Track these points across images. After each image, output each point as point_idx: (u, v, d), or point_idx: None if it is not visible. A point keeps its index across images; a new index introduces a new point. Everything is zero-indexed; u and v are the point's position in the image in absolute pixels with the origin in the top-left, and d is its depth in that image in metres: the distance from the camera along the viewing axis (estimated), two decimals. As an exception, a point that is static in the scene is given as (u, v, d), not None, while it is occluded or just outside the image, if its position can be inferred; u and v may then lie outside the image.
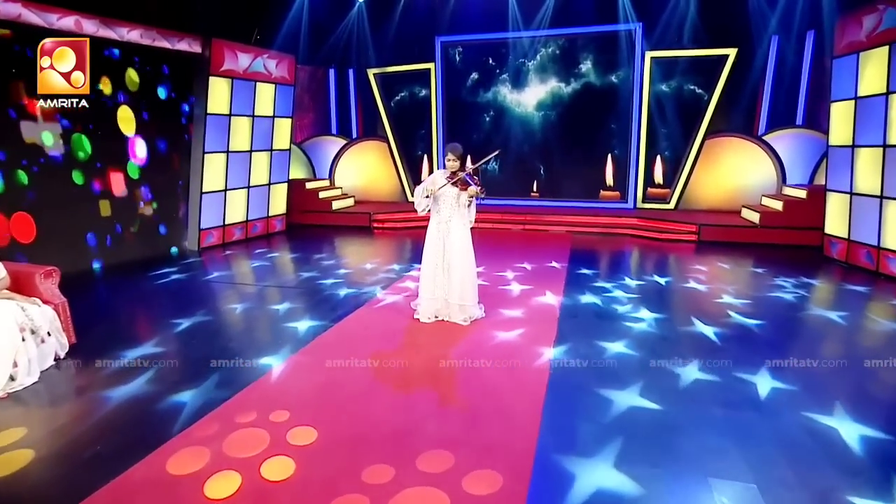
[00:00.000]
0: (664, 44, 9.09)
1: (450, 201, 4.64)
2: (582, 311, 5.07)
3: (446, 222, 4.70)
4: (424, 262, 4.76)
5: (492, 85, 10.58)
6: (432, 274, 4.74)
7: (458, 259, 4.68)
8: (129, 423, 3.10)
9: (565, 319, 4.83)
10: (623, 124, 9.85)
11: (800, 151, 8.75)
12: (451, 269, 4.70)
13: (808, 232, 7.62)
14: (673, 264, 7.04)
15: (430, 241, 4.74)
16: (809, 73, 8.77)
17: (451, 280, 4.71)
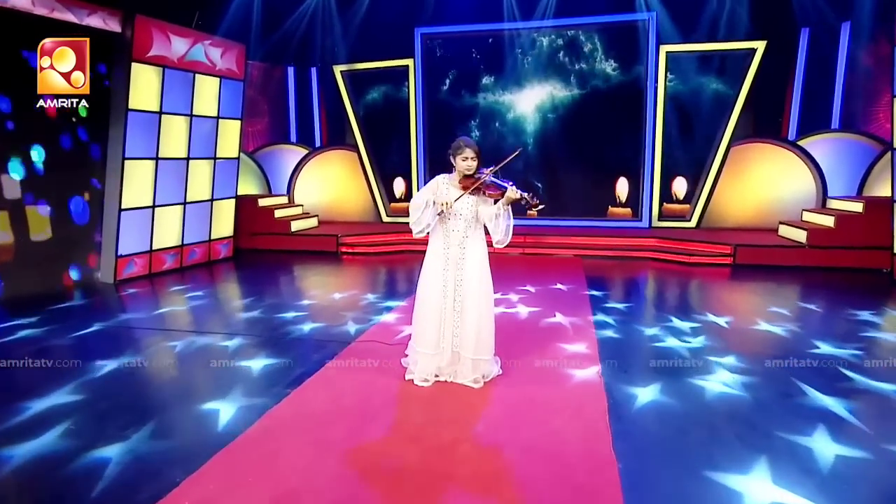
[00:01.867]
0: (681, 36, 8.33)
1: (465, 216, 3.57)
2: (631, 363, 4.04)
3: (459, 246, 3.61)
4: (423, 302, 3.66)
5: (482, 85, 9.69)
6: (437, 319, 3.63)
7: (476, 296, 3.59)
8: None
9: (613, 378, 3.75)
10: (635, 130, 9.09)
11: (841, 158, 8.07)
12: (466, 311, 3.60)
13: (868, 252, 6.85)
14: (719, 296, 6.23)
15: (433, 274, 3.64)
16: (846, 69, 8.15)
17: (465, 326, 3.61)
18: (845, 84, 8.23)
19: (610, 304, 5.67)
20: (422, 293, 3.69)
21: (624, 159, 9.18)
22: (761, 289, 6.38)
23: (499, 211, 3.44)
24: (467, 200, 3.55)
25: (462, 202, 3.54)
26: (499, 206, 3.42)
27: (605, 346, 4.39)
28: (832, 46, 8.24)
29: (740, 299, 6.05)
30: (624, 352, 4.26)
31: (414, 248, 8.95)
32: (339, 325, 4.95)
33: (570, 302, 5.74)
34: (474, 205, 3.57)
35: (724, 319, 5.10)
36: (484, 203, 3.56)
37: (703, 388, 3.60)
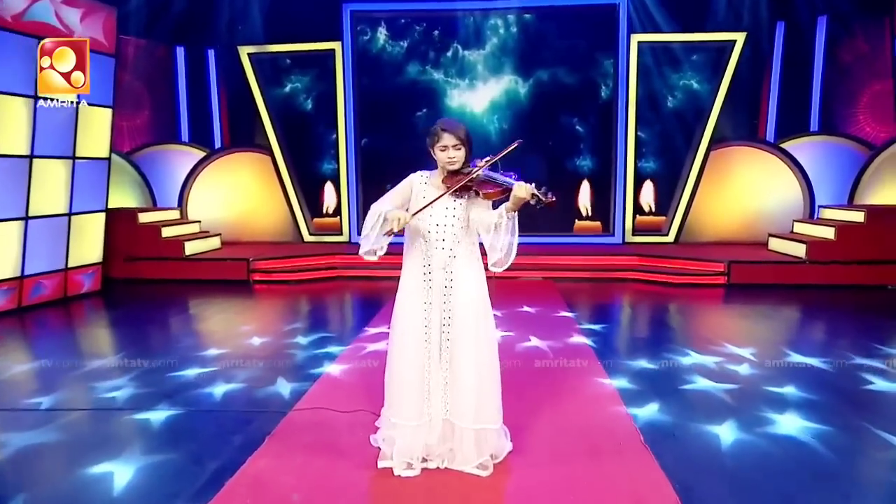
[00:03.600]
0: (654, 25, 8.20)
1: (450, 226, 2.81)
2: (674, 421, 3.44)
3: (444, 268, 2.84)
4: (398, 352, 2.87)
5: (426, 77, 9.09)
6: (419, 375, 2.84)
7: (473, 340, 2.82)
8: None
9: (662, 450, 3.11)
10: (605, 130, 8.78)
11: (824, 164, 8.22)
12: (459, 362, 2.81)
13: (875, 267, 6.85)
14: (727, 323, 5.95)
15: (411, 310, 2.87)
16: (823, 67, 8.37)
17: (460, 383, 2.82)
18: (823, 83, 8.45)
19: (611, 343, 5.10)
20: (396, 338, 2.88)
21: (591, 163, 8.88)
22: (771, 312, 6.16)
23: (500, 219, 2.66)
24: (453, 205, 2.78)
25: (445, 208, 2.78)
26: (501, 213, 2.66)
27: (629, 398, 3.75)
28: (809, 42, 8.45)
29: (749, 326, 5.76)
30: (654, 405, 3.63)
31: (352, 274, 8.08)
32: (266, 386, 3.93)
33: (561, 339, 5.12)
34: (464, 210, 2.80)
35: (748, 351, 4.73)
36: (478, 207, 2.79)
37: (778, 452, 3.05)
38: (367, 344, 4.92)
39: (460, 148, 2.75)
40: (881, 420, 3.42)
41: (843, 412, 3.54)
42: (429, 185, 2.84)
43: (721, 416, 3.48)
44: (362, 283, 7.75)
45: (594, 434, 3.24)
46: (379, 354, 4.62)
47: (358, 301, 7.04)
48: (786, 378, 4.11)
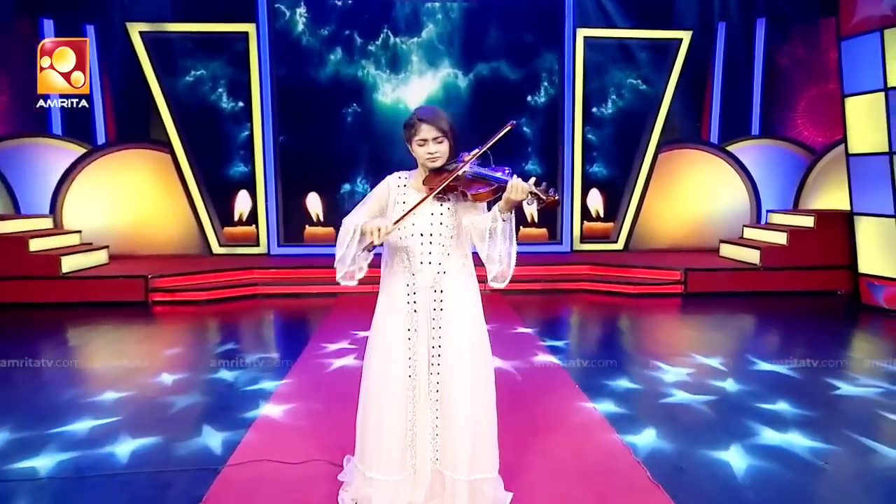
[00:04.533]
0: (602, 19, 8.29)
1: (437, 237, 2.49)
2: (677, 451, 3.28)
3: (431, 287, 2.52)
4: (377, 391, 2.52)
5: (355, 67, 8.68)
6: (401, 419, 2.50)
7: (468, 375, 2.51)
8: None
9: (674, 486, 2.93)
10: (548, 131, 8.75)
11: (768, 167, 8.62)
12: (451, 402, 2.49)
13: (826, 272, 7.21)
14: (692, 334, 5.97)
15: (392, 338, 2.54)
16: (763, 70, 8.82)
17: (453, 426, 2.49)
18: (763, 86, 8.90)
19: (580, 361, 4.93)
20: (373, 373, 2.53)
21: (537, 166, 8.83)
22: (731, 321, 6.33)
23: (494, 223, 2.34)
24: (439, 210, 2.46)
25: (430, 214, 2.45)
26: (494, 215, 2.34)
27: (620, 424, 3.56)
28: (749, 44, 8.88)
29: (718, 336, 5.84)
30: (649, 430, 3.44)
31: (275, 291, 7.46)
32: (189, 438, 3.33)
33: (526, 359, 4.90)
34: (453, 215, 2.48)
35: (716, 361, 4.82)
36: (470, 211, 2.47)
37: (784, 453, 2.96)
38: (309, 375, 4.44)
39: (442, 141, 2.43)
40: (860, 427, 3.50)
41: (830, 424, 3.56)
42: (408, 188, 2.52)
43: (722, 439, 3.39)
44: (288, 302, 7.16)
45: (596, 474, 2.99)
46: (326, 388, 4.17)
47: (286, 323, 6.45)
48: (763, 389, 4.17)
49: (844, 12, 6.60)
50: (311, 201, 8.79)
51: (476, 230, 2.40)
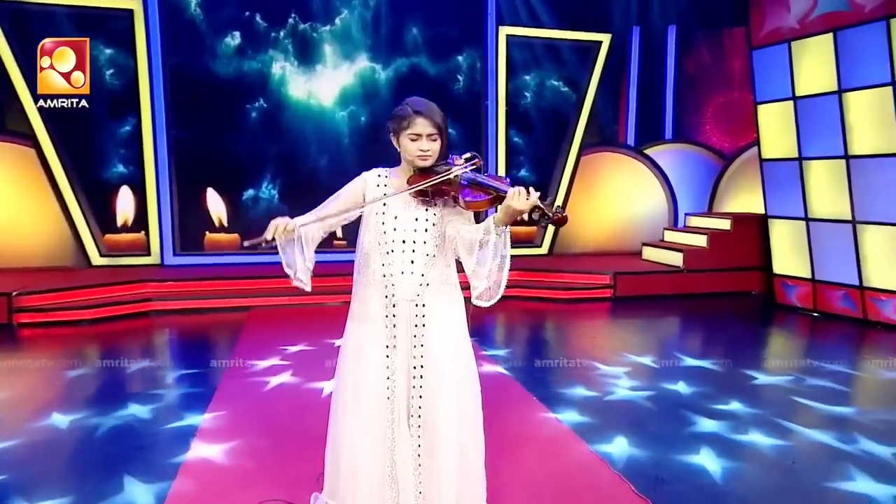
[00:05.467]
0: (525, 18, 8.45)
1: (422, 245, 2.35)
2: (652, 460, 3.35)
3: (412, 301, 2.36)
4: (350, 418, 2.34)
5: (260, 56, 8.21)
6: (380, 449, 2.33)
7: (454, 397, 2.37)
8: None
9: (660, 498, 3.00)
10: (472, 131, 8.82)
11: (682, 171, 9.15)
12: (437, 427, 2.33)
13: (744, 273, 7.73)
14: (629, 337, 6.23)
15: (369, 359, 2.36)
16: (675, 76, 9.38)
17: (438, 457, 2.33)
18: (675, 92, 9.47)
19: (529, 369, 4.98)
20: (345, 398, 2.35)
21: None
22: (661, 322, 6.71)
23: (487, 235, 2.16)
24: (425, 215, 2.33)
25: (415, 219, 2.31)
26: (488, 226, 2.16)
27: (588, 435, 3.58)
28: (661, 50, 9.43)
29: (649, 336, 6.16)
30: (620, 439, 3.47)
31: (173, 307, 6.87)
32: (109, 495, 2.88)
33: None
34: (440, 221, 2.33)
35: (648, 358, 5.18)
36: (456, 219, 2.34)
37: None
38: (242, 400, 4.10)
39: (436, 139, 2.30)
40: (784, 411, 3.93)
41: (766, 414, 3.85)
42: (389, 188, 2.37)
43: (690, 442, 3.52)
44: (191, 319, 6.61)
45: (579, 492, 2.98)
46: (266, 411, 3.86)
47: (194, 342, 5.93)
48: (699, 385, 4.43)
49: (755, 24, 7.16)
50: (212, 204, 8.21)
51: (463, 241, 2.23)
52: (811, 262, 6.78)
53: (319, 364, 4.88)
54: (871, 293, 6.27)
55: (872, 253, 6.23)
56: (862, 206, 6.27)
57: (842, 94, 6.33)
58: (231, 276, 7.35)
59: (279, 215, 2.40)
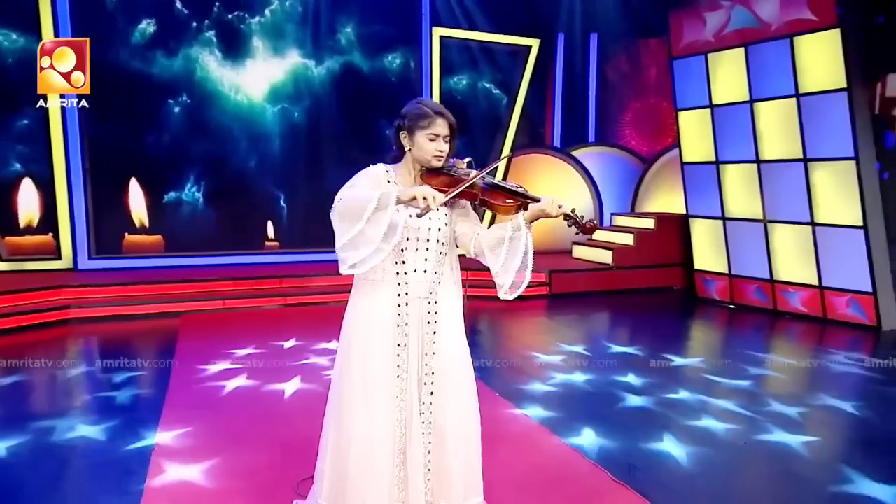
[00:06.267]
0: (458, 19, 8.57)
1: (435, 243, 2.38)
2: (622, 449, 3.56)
3: (425, 298, 2.38)
4: (360, 416, 2.31)
5: (183, 47, 7.82)
6: (391, 447, 2.32)
7: (461, 394, 2.42)
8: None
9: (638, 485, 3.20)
10: (406, 131, 8.75)
11: (604, 173, 9.59)
12: (446, 423, 2.37)
13: (666, 270, 8.21)
14: (567, 331, 6.48)
15: (380, 356, 2.34)
16: (597, 81, 9.85)
17: (448, 453, 2.38)
18: (598, 97, 9.94)
19: (484, 366, 5.06)
20: (354, 397, 2.32)
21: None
22: (597, 321, 7.08)
23: (516, 232, 2.26)
24: (437, 214, 2.34)
25: (429, 218, 2.31)
26: (518, 224, 2.26)
27: (557, 428, 3.73)
28: (584, 56, 9.86)
29: (588, 330, 6.51)
30: (587, 430, 3.65)
31: (93, 314, 6.40)
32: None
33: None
34: (450, 221, 2.40)
35: (582, 347, 5.54)
36: (465, 221, 2.41)
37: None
38: (201, 408, 3.93)
39: (450, 140, 2.34)
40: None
41: (710, 400, 4.16)
42: (399, 185, 2.35)
43: (651, 428, 3.76)
44: (117, 326, 6.21)
45: (561, 483, 3.10)
46: (224, 424, 3.70)
47: (125, 352, 5.47)
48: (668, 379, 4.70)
49: (674, 36, 7.65)
50: (134, 204, 7.73)
51: (488, 239, 2.31)
52: (728, 258, 7.37)
53: (274, 366, 4.80)
54: (780, 286, 6.90)
55: (781, 249, 6.86)
56: (772, 207, 6.88)
57: (753, 103, 6.91)
58: (158, 281, 6.97)
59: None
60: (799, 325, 6.55)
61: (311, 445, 3.38)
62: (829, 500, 3.03)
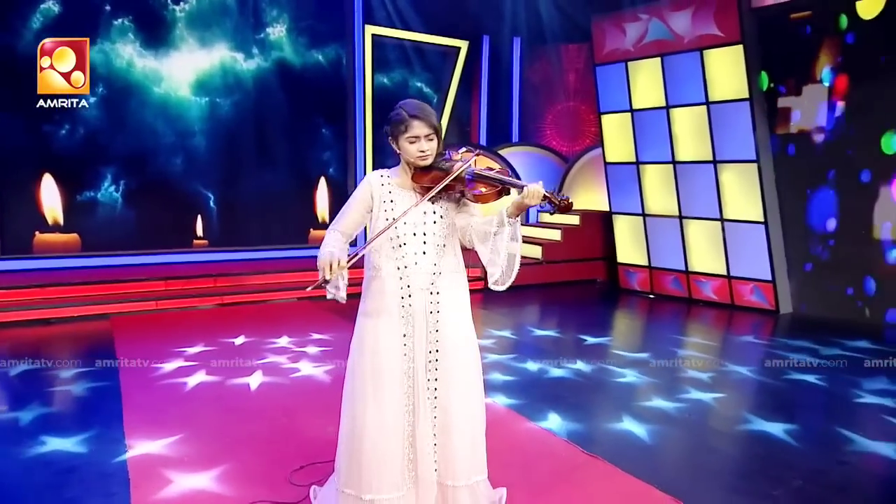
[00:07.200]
0: (389, 19, 8.69)
1: (432, 236, 2.53)
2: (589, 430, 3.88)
3: (427, 289, 2.53)
4: (373, 402, 2.45)
5: (100, 35, 7.36)
6: (402, 429, 2.47)
7: (466, 378, 2.57)
8: None
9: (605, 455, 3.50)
10: (339, 128, 8.74)
11: (528, 171, 10.03)
12: (451, 405, 2.53)
13: (592, 263, 8.76)
14: (500, 319, 6.78)
15: (388, 346, 2.48)
16: (520, 83, 10.27)
17: (454, 433, 2.53)
18: (521, 98, 10.36)
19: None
20: (366, 385, 2.45)
21: (327, 166, 8.82)
22: (526, 307, 7.48)
23: (500, 227, 2.47)
24: (432, 208, 2.51)
25: (423, 212, 2.49)
26: (501, 218, 2.46)
27: (526, 413, 3.97)
28: (508, 59, 10.24)
29: (514, 320, 6.89)
30: (553, 414, 3.93)
31: (15, 318, 6.02)
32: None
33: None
34: (446, 213, 2.56)
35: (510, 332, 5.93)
36: (464, 211, 2.59)
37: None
38: (170, 408, 3.81)
39: (433, 138, 2.48)
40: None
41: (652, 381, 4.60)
42: (394, 188, 2.51)
43: (609, 410, 4.08)
44: (38, 331, 5.84)
45: (540, 459, 3.34)
46: (192, 419, 3.66)
47: (57, 356, 5.11)
48: (616, 362, 5.08)
49: (597, 43, 8.17)
50: (46, 200, 7.23)
51: (477, 232, 2.48)
52: (648, 251, 7.98)
53: (231, 362, 4.77)
54: (694, 276, 7.58)
55: (695, 243, 7.53)
56: (686, 204, 7.53)
57: (669, 109, 7.53)
58: (82, 282, 6.58)
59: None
60: (711, 311, 7.24)
61: (293, 436, 3.45)
62: (735, 436, 3.79)
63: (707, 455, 3.55)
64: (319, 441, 3.37)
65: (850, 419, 3.98)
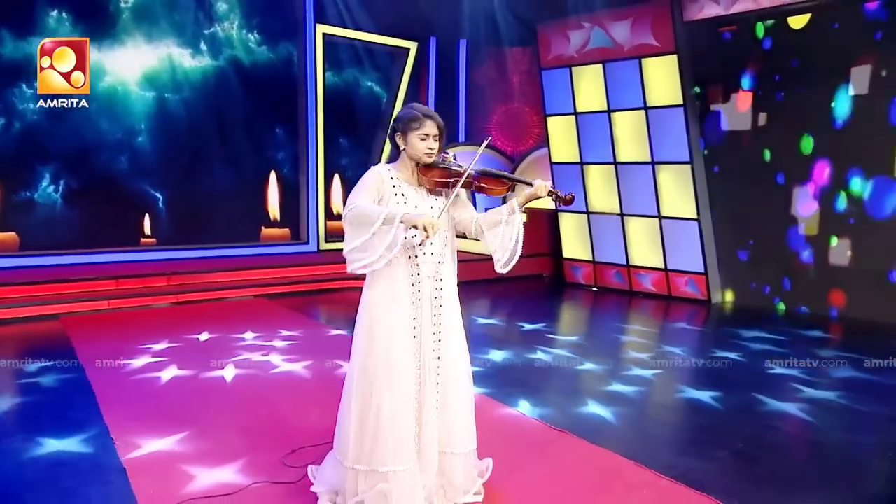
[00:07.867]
0: (339, 18, 8.80)
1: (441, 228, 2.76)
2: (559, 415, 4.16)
3: (433, 277, 2.81)
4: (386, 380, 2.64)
5: (38, 27, 7.15)
6: (411, 403, 2.70)
7: (462, 355, 2.89)
8: None
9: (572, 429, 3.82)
10: (290, 126, 8.79)
11: (476, 171, 10.34)
12: (452, 380, 2.82)
13: (538, 259, 9.15)
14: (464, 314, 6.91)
15: (399, 328, 2.70)
16: (466, 84, 10.58)
17: (454, 405, 2.83)
18: (467, 99, 10.67)
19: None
20: (379, 364, 2.64)
21: (278, 163, 8.83)
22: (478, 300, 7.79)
23: (511, 216, 2.82)
24: (435, 203, 2.79)
25: (430, 207, 2.76)
26: (512, 207, 2.82)
27: (501, 399, 4.22)
28: (454, 61, 10.53)
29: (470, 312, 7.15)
30: (523, 402, 4.22)
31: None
32: None
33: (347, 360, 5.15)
34: (449, 210, 2.82)
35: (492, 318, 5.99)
36: (461, 206, 2.90)
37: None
38: (147, 403, 3.84)
39: (438, 139, 2.76)
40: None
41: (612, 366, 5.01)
42: (401, 182, 2.75)
43: (573, 395, 4.39)
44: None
45: (514, 437, 3.61)
46: (172, 413, 3.75)
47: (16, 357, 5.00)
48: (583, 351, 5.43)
49: (542, 48, 8.57)
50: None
51: (487, 221, 2.82)
52: (591, 247, 8.46)
53: (200, 357, 4.82)
54: (634, 270, 8.11)
55: (635, 238, 8.05)
56: (627, 202, 8.04)
57: (610, 113, 8.01)
58: (31, 282, 6.37)
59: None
60: (650, 301, 7.77)
61: (277, 425, 3.59)
62: (674, 405, 4.37)
63: (656, 427, 3.96)
64: (304, 427, 3.54)
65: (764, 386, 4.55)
